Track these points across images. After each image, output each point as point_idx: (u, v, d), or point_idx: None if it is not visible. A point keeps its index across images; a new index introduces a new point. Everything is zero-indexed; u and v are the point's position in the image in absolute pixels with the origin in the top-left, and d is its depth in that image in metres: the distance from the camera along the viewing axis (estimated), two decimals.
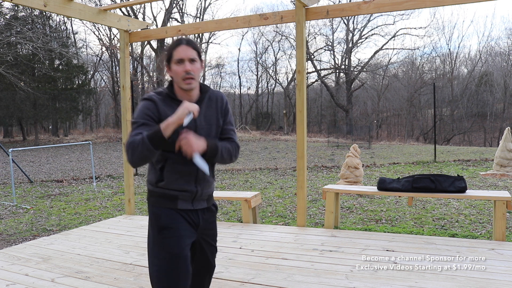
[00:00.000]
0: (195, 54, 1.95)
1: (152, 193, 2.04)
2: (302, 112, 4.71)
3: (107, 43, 32.13)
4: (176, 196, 1.99)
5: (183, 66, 1.92)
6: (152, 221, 2.04)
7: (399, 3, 4.22)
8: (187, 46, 1.94)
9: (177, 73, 1.93)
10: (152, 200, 2.04)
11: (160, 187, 1.99)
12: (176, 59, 1.93)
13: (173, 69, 1.95)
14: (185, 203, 2.02)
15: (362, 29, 32.93)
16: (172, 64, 1.95)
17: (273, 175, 10.52)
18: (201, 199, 2.07)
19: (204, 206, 2.10)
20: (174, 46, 1.95)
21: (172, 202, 2.00)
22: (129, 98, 5.69)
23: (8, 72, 19.65)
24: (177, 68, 1.93)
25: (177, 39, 1.97)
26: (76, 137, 27.21)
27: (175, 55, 1.93)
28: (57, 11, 4.53)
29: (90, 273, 3.45)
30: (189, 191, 2.00)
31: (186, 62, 1.92)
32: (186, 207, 2.02)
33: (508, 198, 4.09)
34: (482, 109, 31.05)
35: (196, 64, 1.96)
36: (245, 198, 4.97)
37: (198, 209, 2.06)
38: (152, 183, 2.03)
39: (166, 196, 1.99)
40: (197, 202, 2.06)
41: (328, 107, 35.93)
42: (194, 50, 1.96)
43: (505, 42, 33.76)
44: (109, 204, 7.54)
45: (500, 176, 9.05)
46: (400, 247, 3.86)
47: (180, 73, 1.92)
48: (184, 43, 1.94)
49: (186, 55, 1.93)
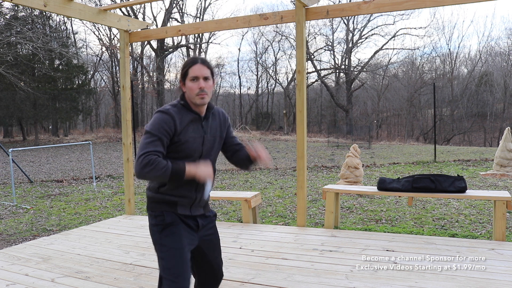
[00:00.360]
0: (209, 73, 2.09)
1: (152, 199, 2.13)
2: (302, 112, 4.71)
3: (107, 43, 32.15)
4: (175, 202, 2.10)
5: (197, 83, 2.05)
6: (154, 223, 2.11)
7: (399, 3, 4.22)
8: (202, 65, 2.07)
9: (191, 89, 2.06)
10: (152, 206, 2.13)
11: (161, 192, 2.09)
12: (191, 76, 2.06)
13: (187, 85, 2.08)
14: (183, 208, 2.12)
15: (362, 29, 32.97)
16: (187, 81, 2.08)
17: (273, 175, 10.52)
18: (198, 206, 2.18)
19: (201, 213, 2.21)
20: (190, 64, 2.08)
21: (171, 207, 2.10)
22: (129, 98, 5.69)
23: (8, 72, 19.65)
24: (192, 84, 2.06)
25: (193, 57, 2.12)
26: (76, 137, 27.22)
27: (191, 72, 2.06)
28: (57, 11, 4.53)
29: (90, 273, 3.45)
30: (188, 197, 2.11)
31: (201, 79, 2.06)
32: (184, 212, 2.12)
33: (508, 198, 4.10)
34: (482, 109, 31.06)
35: (209, 82, 2.09)
36: (245, 198, 4.97)
37: (195, 215, 2.17)
38: (154, 189, 2.12)
39: (166, 202, 2.10)
40: (195, 209, 2.17)
41: (328, 107, 35.95)
42: (208, 69, 2.09)
43: (505, 42, 33.81)
44: (109, 204, 7.54)
45: (500, 176, 9.05)
46: (400, 247, 3.86)
47: (194, 89, 2.05)
48: (199, 62, 2.08)
49: (201, 73, 2.06)
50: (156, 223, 2.10)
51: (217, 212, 6.40)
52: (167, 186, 2.07)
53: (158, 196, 2.10)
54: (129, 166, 5.71)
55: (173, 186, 2.07)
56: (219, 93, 40.07)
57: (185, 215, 2.12)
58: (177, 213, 2.10)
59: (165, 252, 2.04)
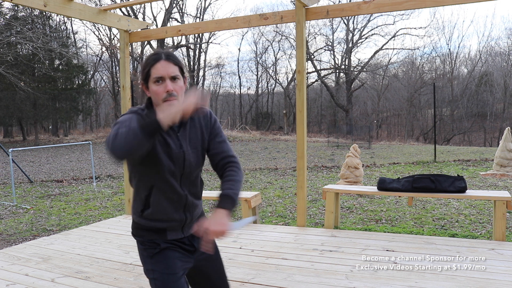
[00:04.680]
0: (177, 71, 1.66)
1: (137, 225, 1.80)
2: (302, 112, 4.71)
3: (107, 43, 32.14)
4: (164, 229, 1.77)
5: (163, 85, 1.63)
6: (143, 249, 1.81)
7: (399, 3, 4.22)
8: (167, 62, 1.65)
9: (157, 93, 1.64)
10: (138, 233, 1.80)
11: (145, 217, 1.76)
12: (154, 78, 1.64)
13: (152, 89, 1.65)
14: (174, 233, 1.79)
15: (362, 29, 32.94)
16: (150, 84, 1.66)
17: (273, 175, 10.51)
18: (190, 224, 1.82)
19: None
20: (151, 63, 1.65)
21: (160, 235, 1.77)
22: (129, 98, 5.69)
23: (8, 72, 19.64)
24: (157, 88, 1.64)
25: (154, 53, 1.68)
26: (76, 137, 27.21)
27: (154, 72, 1.64)
28: (57, 11, 4.53)
29: (90, 273, 3.45)
30: (177, 220, 1.78)
31: (167, 80, 1.63)
32: (176, 236, 1.79)
33: (508, 198, 4.09)
34: (482, 109, 31.05)
35: (179, 82, 1.66)
36: (245, 198, 4.97)
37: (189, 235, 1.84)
38: (137, 212, 1.78)
39: (154, 230, 1.76)
40: (187, 228, 1.82)
41: (328, 107, 35.93)
42: (176, 65, 1.67)
43: (505, 42, 33.76)
44: (109, 204, 7.54)
45: (500, 176, 9.05)
46: (400, 247, 3.86)
47: (160, 93, 1.63)
48: (163, 58, 1.65)
49: (167, 73, 1.63)
50: (145, 248, 1.79)
51: None
52: (151, 209, 1.73)
53: (143, 222, 1.77)
54: None
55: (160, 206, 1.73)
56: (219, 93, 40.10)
57: (177, 239, 1.80)
58: (167, 240, 1.77)
59: (158, 280, 1.73)
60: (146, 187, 1.74)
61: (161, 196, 1.73)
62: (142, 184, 1.75)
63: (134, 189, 1.80)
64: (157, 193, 1.73)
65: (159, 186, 1.72)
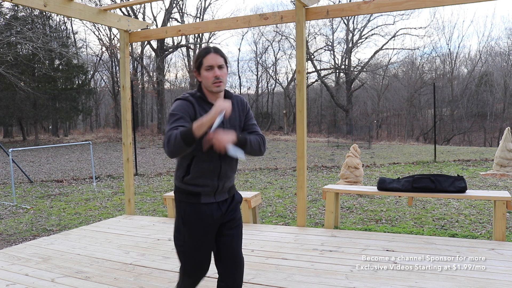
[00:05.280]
0: (222, 61, 2.15)
1: (178, 189, 2.25)
2: (302, 112, 4.71)
3: (107, 43, 32.15)
4: (199, 193, 2.19)
5: (212, 72, 2.12)
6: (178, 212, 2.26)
7: (399, 3, 4.22)
8: (215, 54, 2.14)
9: (207, 78, 2.13)
10: (178, 196, 2.25)
11: (185, 182, 2.19)
12: (206, 66, 2.12)
13: (203, 74, 2.15)
14: (207, 197, 2.21)
15: (362, 29, 32.95)
16: (202, 70, 2.15)
17: (273, 175, 10.51)
18: (222, 191, 2.25)
19: (226, 197, 2.28)
20: (203, 54, 2.14)
21: (195, 198, 2.19)
22: (129, 98, 5.69)
23: (8, 72, 19.64)
24: (207, 73, 2.13)
25: (205, 47, 2.18)
26: (76, 137, 27.22)
27: (205, 62, 2.13)
28: (57, 11, 4.53)
29: (90, 273, 3.45)
30: (210, 186, 2.19)
31: (215, 68, 2.12)
32: (208, 200, 2.21)
33: (508, 198, 4.09)
34: (482, 109, 31.06)
35: (224, 70, 2.16)
36: (245, 198, 4.96)
37: (220, 201, 2.25)
38: (179, 178, 2.22)
39: (190, 193, 2.19)
40: (219, 195, 2.24)
41: (328, 107, 35.93)
42: (222, 57, 2.16)
43: (505, 42, 33.79)
44: (109, 204, 7.54)
45: (500, 176, 9.05)
46: (400, 247, 3.86)
47: (210, 78, 2.12)
48: (212, 51, 2.14)
49: (216, 62, 2.12)
50: (178, 211, 2.25)
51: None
52: (190, 175, 2.16)
53: (182, 186, 2.21)
54: (129, 166, 5.71)
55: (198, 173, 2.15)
56: None
57: (209, 203, 2.21)
58: (200, 204, 2.18)
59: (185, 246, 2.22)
60: (189, 157, 2.15)
61: (199, 165, 2.15)
62: (186, 155, 2.13)
63: (179, 161, 2.23)
64: (197, 162, 2.15)
65: (200, 157, 2.13)
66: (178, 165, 2.27)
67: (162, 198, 7.51)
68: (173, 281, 3.20)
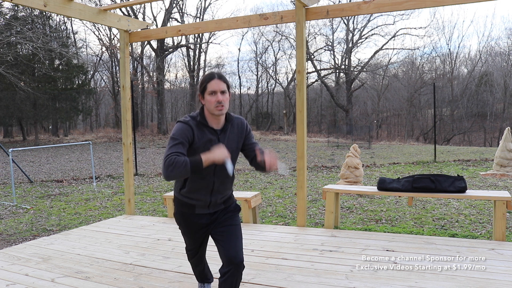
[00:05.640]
0: (225, 87, 2.32)
1: (176, 199, 2.53)
2: (302, 112, 4.71)
3: (107, 43, 32.14)
4: (193, 205, 2.46)
5: (215, 97, 2.28)
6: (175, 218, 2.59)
7: (399, 3, 4.22)
8: (219, 80, 2.30)
9: (210, 102, 2.29)
10: (176, 205, 2.55)
11: (182, 194, 2.45)
12: (209, 91, 2.29)
13: (206, 98, 2.31)
14: (202, 209, 2.47)
15: (362, 29, 32.95)
16: (206, 95, 2.31)
17: (273, 175, 10.52)
18: (215, 205, 2.49)
19: (221, 208, 2.52)
20: (208, 80, 2.31)
21: (190, 209, 2.47)
22: (129, 98, 5.69)
23: (8, 72, 19.64)
24: (210, 98, 2.29)
25: (210, 73, 2.34)
26: (76, 137, 27.21)
27: (209, 87, 2.29)
28: (57, 11, 4.53)
29: (90, 273, 3.45)
30: (203, 201, 2.44)
31: (218, 93, 2.29)
32: (203, 211, 2.48)
33: (508, 198, 4.09)
34: (482, 109, 31.06)
35: (226, 95, 2.32)
36: (245, 198, 4.97)
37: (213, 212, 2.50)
38: (177, 189, 2.48)
39: (186, 205, 2.47)
40: (213, 207, 2.49)
41: (328, 107, 35.93)
42: (224, 83, 2.32)
43: (505, 42, 33.79)
44: (109, 204, 7.54)
45: (500, 176, 9.05)
46: (400, 247, 3.86)
47: (213, 102, 2.29)
48: (216, 77, 2.30)
49: (219, 88, 2.29)
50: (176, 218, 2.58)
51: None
52: (186, 188, 2.40)
53: (179, 196, 2.48)
54: (129, 166, 5.71)
55: (192, 188, 2.39)
56: None
57: (203, 214, 2.47)
58: (195, 214, 2.47)
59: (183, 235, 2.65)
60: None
61: (194, 181, 2.38)
62: None
63: None
64: (192, 178, 2.37)
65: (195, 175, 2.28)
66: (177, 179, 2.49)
67: (162, 198, 7.51)
68: (173, 281, 3.20)
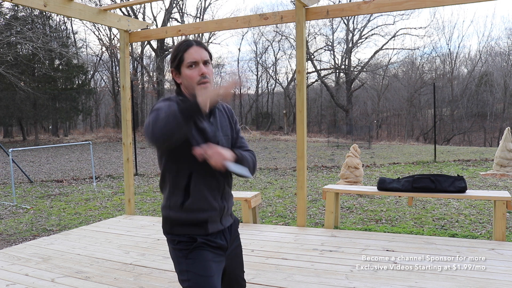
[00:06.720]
0: (207, 56, 1.75)
1: (175, 221, 1.76)
2: (302, 112, 4.71)
3: (107, 43, 32.14)
4: (205, 220, 1.76)
5: (197, 69, 1.71)
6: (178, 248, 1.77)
7: (399, 3, 4.22)
8: (199, 47, 1.73)
9: (191, 77, 1.71)
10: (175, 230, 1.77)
11: (186, 209, 1.74)
12: (188, 62, 1.71)
13: (185, 73, 1.72)
14: (215, 224, 1.80)
15: (362, 29, 32.97)
16: (183, 69, 1.73)
17: (273, 175, 10.51)
18: (227, 214, 1.87)
19: (231, 222, 1.91)
20: (184, 48, 1.72)
21: (201, 229, 1.76)
22: (129, 98, 5.69)
23: (8, 72, 19.65)
24: (191, 72, 1.71)
25: (184, 40, 1.75)
26: (76, 137, 27.21)
27: (187, 57, 1.71)
28: (57, 11, 4.53)
29: (90, 273, 3.45)
30: (217, 209, 1.79)
31: (201, 64, 1.71)
32: (216, 229, 1.80)
33: (508, 198, 4.09)
34: (482, 109, 31.05)
35: (210, 67, 1.76)
36: (245, 198, 4.97)
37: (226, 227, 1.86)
38: (177, 206, 1.75)
39: (194, 223, 1.75)
40: (225, 219, 1.85)
41: (328, 107, 35.93)
42: (206, 51, 1.75)
43: (505, 42, 33.78)
44: (109, 204, 7.54)
45: (500, 176, 9.05)
46: (400, 247, 3.86)
47: (194, 77, 1.70)
48: (195, 44, 1.74)
49: (200, 57, 1.71)
50: (180, 248, 1.75)
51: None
52: (191, 199, 1.73)
53: (184, 216, 1.75)
54: (129, 166, 5.71)
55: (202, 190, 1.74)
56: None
57: (217, 232, 1.80)
58: (208, 234, 1.77)
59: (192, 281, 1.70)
60: (185, 175, 1.73)
61: (200, 183, 1.74)
62: (181, 174, 1.74)
63: (171, 185, 1.78)
64: (196, 179, 1.73)
65: (199, 172, 1.72)
66: (169, 190, 1.78)
67: (162, 198, 7.51)
68: (173, 281, 3.20)
